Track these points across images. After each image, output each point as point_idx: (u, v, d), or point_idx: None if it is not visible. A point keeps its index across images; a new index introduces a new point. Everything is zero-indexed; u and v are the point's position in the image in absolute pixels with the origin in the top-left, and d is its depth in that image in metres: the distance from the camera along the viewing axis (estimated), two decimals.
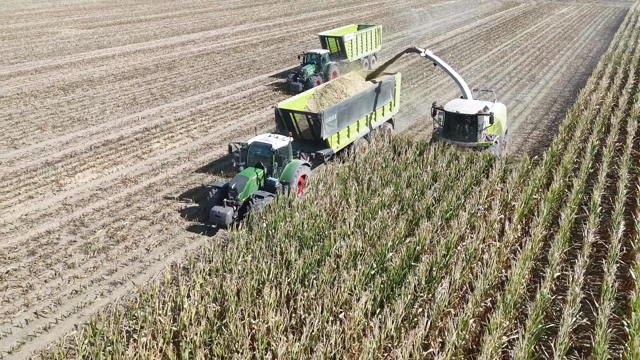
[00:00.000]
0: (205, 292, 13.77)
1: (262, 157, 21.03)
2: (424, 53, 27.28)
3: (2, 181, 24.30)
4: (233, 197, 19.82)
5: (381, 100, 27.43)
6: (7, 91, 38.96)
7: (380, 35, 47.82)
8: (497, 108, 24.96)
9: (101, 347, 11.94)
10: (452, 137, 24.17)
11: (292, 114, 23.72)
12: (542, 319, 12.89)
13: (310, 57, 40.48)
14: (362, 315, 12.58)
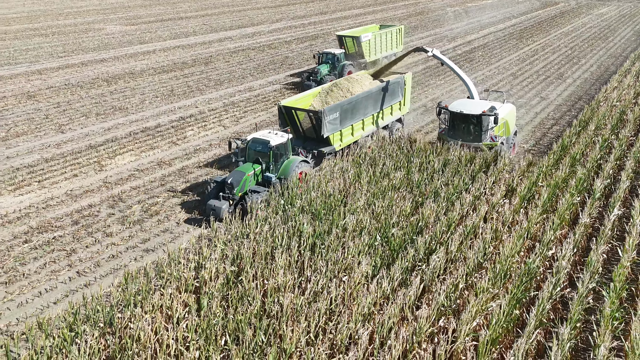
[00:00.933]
0: (225, 255, 15.47)
1: (261, 152, 21.32)
2: (431, 52, 27.08)
3: (50, 161, 26.70)
4: (229, 192, 20.09)
5: (389, 100, 27.34)
6: (56, 82, 41.84)
7: (401, 36, 47.36)
8: (505, 109, 24.85)
9: (132, 294, 13.77)
10: (457, 137, 24.15)
11: (294, 111, 23.92)
12: (529, 288, 14.06)
13: (325, 57, 40.45)
14: (362, 277, 14.03)
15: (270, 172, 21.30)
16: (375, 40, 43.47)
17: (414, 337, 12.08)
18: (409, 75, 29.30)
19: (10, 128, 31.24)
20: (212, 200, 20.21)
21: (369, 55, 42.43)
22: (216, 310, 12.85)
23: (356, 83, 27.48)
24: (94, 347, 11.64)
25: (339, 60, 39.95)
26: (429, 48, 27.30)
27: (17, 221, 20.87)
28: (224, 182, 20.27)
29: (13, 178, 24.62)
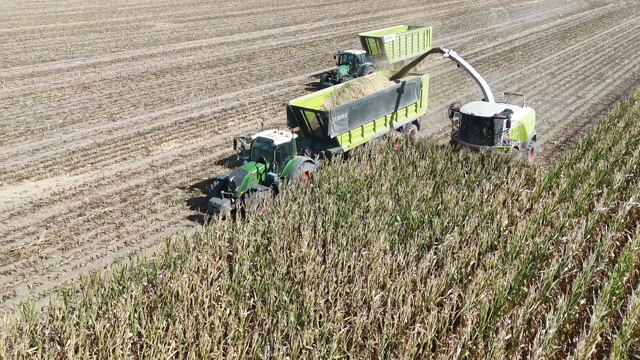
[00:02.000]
0: (256, 229, 16.96)
1: (265, 152, 21.32)
2: (447, 54, 26.40)
3: (102, 145, 28.92)
4: (231, 190, 20.15)
5: (404, 101, 26.82)
6: (108, 75, 44.55)
7: (429, 37, 46.22)
8: (522, 113, 24.26)
9: (173, 258, 15.42)
10: (469, 140, 23.48)
11: (302, 111, 23.62)
12: (537, 266, 14.95)
13: (346, 58, 39.96)
14: (379, 251, 15.24)
15: (273, 171, 21.32)
16: (400, 42, 42.65)
17: (423, 303, 13.22)
18: (426, 77, 28.72)
19: (67, 116, 33.79)
20: (214, 197, 20.35)
21: (392, 56, 41.62)
22: (246, 274, 14.32)
23: (369, 84, 27.11)
24: (138, 299, 13.29)
25: (359, 62, 39.55)
26: (445, 49, 26.80)
27: (72, 197, 22.98)
28: (227, 180, 20.37)
29: (69, 160, 26.91)
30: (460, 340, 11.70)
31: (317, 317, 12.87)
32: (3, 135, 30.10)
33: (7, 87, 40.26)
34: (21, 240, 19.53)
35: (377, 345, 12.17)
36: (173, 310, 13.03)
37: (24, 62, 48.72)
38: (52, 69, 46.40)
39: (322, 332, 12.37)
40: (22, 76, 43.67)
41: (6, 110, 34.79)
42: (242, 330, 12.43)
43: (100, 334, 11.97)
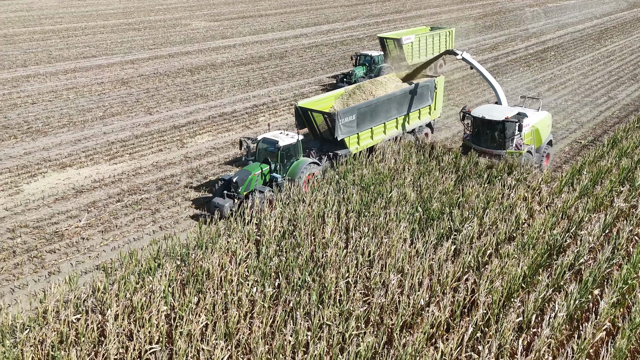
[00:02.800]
0: (283, 215, 17.85)
1: (270, 152, 21.23)
2: (460, 55, 25.92)
3: (140, 137, 30.33)
4: (234, 190, 20.14)
5: (417, 103, 26.37)
6: (146, 71, 46.23)
7: (451, 39, 45.20)
8: (538, 116, 23.70)
9: (204, 240, 16.45)
10: (480, 143, 22.90)
11: (310, 112, 23.41)
12: (552, 257, 15.41)
13: (362, 59, 39.37)
14: (399, 239, 15.94)
15: (278, 172, 21.24)
16: (420, 43, 41.53)
17: (439, 287, 13.88)
18: (441, 79, 28.20)
19: (107, 109, 35.40)
20: (217, 198, 20.39)
21: (411, 58, 40.32)
22: (271, 256, 15.22)
23: (380, 86, 26.65)
24: (171, 276, 14.32)
25: (375, 63, 38.98)
26: (459, 51, 26.30)
27: (111, 184, 24.33)
28: (230, 181, 20.44)
29: (109, 150, 28.36)
30: (472, 320, 12.32)
31: (337, 297, 13.66)
32: (48, 126, 31.83)
33: (52, 82, 42.28)
34: (65, 222, 20.91)
35: (393, 325, 12.89)
36: (204, 286, 14.02)
37: (66, 58, 50.89)
38: (93, 64, 48.37)
39: (341, 310, 13.17)
40: (65, 71, 45.71)
41: (50, 103, 36.64)
42: (267, 306, 13.32)
43: (137, 305, 13.03)
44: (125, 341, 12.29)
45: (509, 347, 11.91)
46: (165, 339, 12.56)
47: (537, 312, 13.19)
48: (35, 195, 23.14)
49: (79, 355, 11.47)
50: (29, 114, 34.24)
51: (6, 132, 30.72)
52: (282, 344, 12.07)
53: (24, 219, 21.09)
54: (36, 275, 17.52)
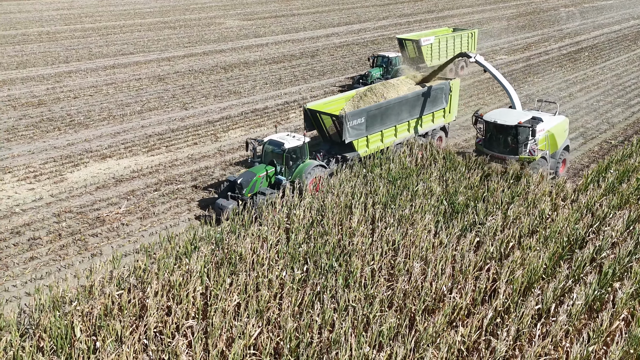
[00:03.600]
0: (312, 205, 18.61)
1: (275, 155, 21.12)
2: (473, 58, 25.46)
3: (176, 131, 31.53)
4: (239, 192, 20.09)
5: (430, 106, 25.84)
6: (181, 68, 47.63)
7: (474, 40, 44.06)
8: (554, 121, 23.08)
9: (237, 225, 17.33)
10: (493, 148, 22.41)
11: (319, 114, 23.17)
12: (573, 249, 15.77)
13: (379, 60, 38.65)
14: (424, 229, 16.51)
15: (283, 174, 21.09)
16: (439, 45, 40.64)
17: (460, 275, 14.42)
18: (457, 82, 27.51)
19: (144, 104, 36.78)
20: (221, 199, 20.38)
21: (430, 60, 39.54)
22: (300, 242, 16.00)
23: (392, 88, 26.28)
24: (207, 257, 15.23)
25: (393, 64, 38.15)
26: (472, 53, 25.86)
27: (149, 175, 25.49)
28: (235, 182, 20.38)
29: (147, 142, 29.61)
30: (492, 306, 12.84)
31: (362, 282, 14.34)
32: (89, 120, 33.32)
33: (92, 77, 44.01)
34: (105, 209, 22.11)
35: (416, 309, 13.49)
36: (236, 268, 14.87)
37: (106, 55, 52.73)
38: (131, 61, 50.04)
39: (366, 293, 13.84)
40: (105, 67, 47.45)
41: (91, 97, 38.23)
42: (295, 288, 14.09)
43: (175, 283, 13.96)
44: (163, 315, 13.21)
45: (527, 332, 12.39)
46: (201, 315, 13.44)
47: (557, 302, 13.61)
48: (78, 183, 24.46)
49: (122, 326, 12.43)
50: (72, 107, 35.84)
51: (51, 125, 32.31)
52: (310, 322, 12.80)
53: (68, 205, 22.38)
54: (80, 256, 18.69)
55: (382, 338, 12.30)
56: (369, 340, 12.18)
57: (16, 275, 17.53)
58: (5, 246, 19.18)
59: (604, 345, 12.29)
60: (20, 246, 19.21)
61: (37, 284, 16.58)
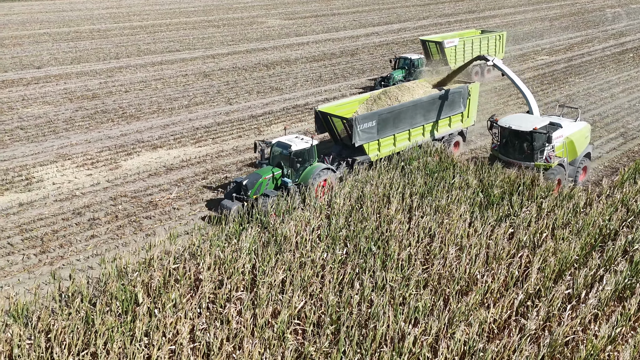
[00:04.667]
0: (351, 194, 19.57)
1: (283, 157, 21.04)
2: (491, 62, 25.03)
3: (221, 124, 32.98)
4: (244, 193, 20.18)
5: (448, 110, 25.27)
6: (225, 65, 49.30)
7: (502, 43, 42.69)
8: (574, 127, 22.38)
9: (282, 210, 18.47)
10: (508, 154, 21.95)
11: (330, 117, 23.03)
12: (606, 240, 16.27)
13: (402, 62, 38.29)
14: (459, 218, 17.27)
15: (289, 176, 21.07)
16: (464, 47, 39.61)
17: (494, 261, 15.15)
18: (476, 85, 26.87)
19: (191, 98, 38.45)
20: (226, 200, 20.51)
21: (454, 62, 38.07)
22: (341, 226, 16.99)
23: (407, 91, 25.84)
24: (254, 237, 16.38)
25: (415, 66, 37.64)
26: (490, 56, 25.46)
27: (197, 164, 26.93)
28: (241, 183, 20.48)
29: (194, 134, 31.14)
30: (524, 289, 13.54)
31: (399, 264, 15.23)
32: (140, 112, 35.14)
33: (141, 73, 46.07)
34: (157, 194, 23.60)
35: (450, 291, 14.29)
36: (282, 248, 15.98)
37: (153, 52, 54.91)
38: (177, 58, 52.01)
39: (403, 274, 14.72)
40: (153, 64, 49.53)
41: (141, 92, 40.16)
42: (336, 266, 15.09)
43: (226, 258, 15.16)
44: (215, 288, 14.41)
45: (556, 315, 13.05)
46: (249, 288, 14.59)
47: (587, 289, 14.18)
48: (131, 170, 26.09)
49: (180, 294, 13.68)
50: (123, 100, 37.79)
51: (104, 116, 34.24)
52: (349, 298, 13.78)
53: (123, 189, 23.97)
54: (136, 236, 20.17)
55: (417, 314, 13.16)
56: (404, 316, 13.06)
57: (79, 251, 19.11)
58: (68, 225, 20.84)
59: (632, 330, 12.82)
60: (82, 225, 20.84)
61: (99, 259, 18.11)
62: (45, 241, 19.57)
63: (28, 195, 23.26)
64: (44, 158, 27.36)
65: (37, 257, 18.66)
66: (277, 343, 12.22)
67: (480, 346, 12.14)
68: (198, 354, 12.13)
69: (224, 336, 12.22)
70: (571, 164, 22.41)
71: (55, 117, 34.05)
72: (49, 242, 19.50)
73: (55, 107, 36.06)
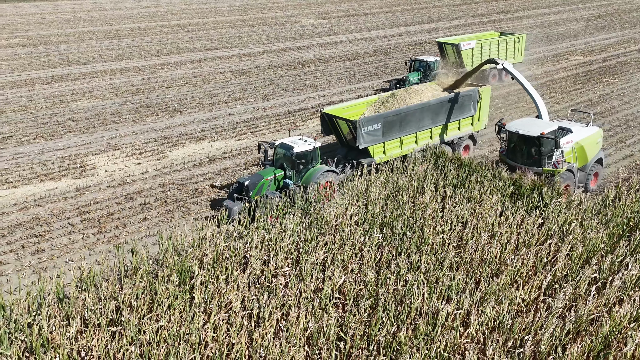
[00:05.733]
0: (385, 185, 20.63)
1: (286, 158, 21.23)
2: (501, 65, 24.83)
3: (259, 119, 34.37)
4: (246, 194, 20.41)
5: (457, 114, 25.17)
6: (261, 63, 50.80)
7: (521, 46, 42.24)
8: (584, 132, 22.07)
9: (321, 197, 19.64)
10: (516, 159, 21.83)
11: (335, 119, 23.11)
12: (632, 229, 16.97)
13: (418, 64, 38.25)
14: (490, 208, 18.15)
15: (291, 178, 21.22)
16: (481, 49, 39.35)
17: (524, 246, 16.03)
18: (488, 89, 26.59)
19: (230, 95, 39.99)
20: (228, 200, 20.77)
21: (471, 65, 37.74)
22: (378, 211, 18.07)
23: (415, 94, 25.85)
24: (297, 220, 17.58)
25: (431, 68, 37.57)
26: (500, 60, 25.28)
27: (238, 156, 28.34)
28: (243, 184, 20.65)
29: (234, 128, 32.61)
30: (551, 272, 14.40)
31: (433, 248, 16.24)
32: (182, 107, 36.81)
33: (181, 70, 47.90)
34: (202, 182, 25.06)
35: (481, 274, 15.23)
36: (323, 228, 17.17)
37: (192, 50, 56.82)
38: (215, 56, 53.76)
39: (437, 257, 15.73)
40: (192, 61, 51.36)
41: (182, 87, 41.91)
42: (374, 248, 16.18)
43: (273, 238, 16.41)
44: (263, 264, 15.66)
45: (583, 296, 13.89)
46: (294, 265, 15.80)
47: (613, 275, 14.94)
48: (177, 160, 27.64)
49: (232, 267, 14.97)
50: (166, 96, 39.55)
51: (149, 110, 36.01)
52: (386, 277, 14.85)
53: (170, 178, 25.51)
54: (184, 220, 21.61)
55: (450, 292, 14.16)
56: (438, 294, 14.08)
57: (133, 232, 20.65)
58: (121, 208, 22.44)
59: None
60: (134, 209, 22.41)
61: (153, 239, 19.58)
62: (102, 222, 21.18)
63: (83, 181, 25.00)
64: (95, 148, 29.16)
65: (95, 236, 20.27)
66: (321, 312, 13.38)
67: (509, 322, 13.08)
68: (250, 321, 13.39)
69: (273, 305, 13.44)
70: (582, 169, 22.09)
71: (103, 110, 35.98)
72: (105, 224, 21.10)
73: (103, 101, 38.04)
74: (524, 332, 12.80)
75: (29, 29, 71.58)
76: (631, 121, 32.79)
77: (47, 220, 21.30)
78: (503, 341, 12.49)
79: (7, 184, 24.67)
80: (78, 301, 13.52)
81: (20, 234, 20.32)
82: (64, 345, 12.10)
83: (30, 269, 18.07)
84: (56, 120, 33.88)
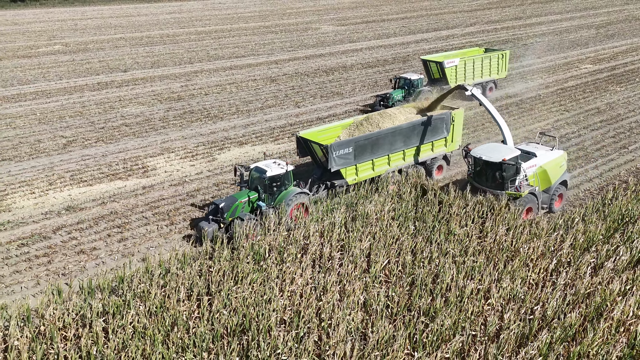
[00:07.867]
0: (415, 183, 24.02)
1: (260, 181, 22.17)
2: (470, 92, 25.58)
3: (293, 125, 37.81)
4: (220, 215, 21.25)
5: (430, 136, 26.18)
6: (288, 70, 54.30)
7: (505, 62, 43.19)
8: (548, 156, 23.20)
9: (361, 195, 23.12)
10: (481, 182, 22.95)
11: (309, 142, 24.38)
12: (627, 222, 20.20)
13: (402, 82, 38.99)
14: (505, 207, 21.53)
15: (265, 200, 22.20)
16: (465, 67, 40.30)
17: (535, 237, 19.38)
18: (460, 112, 27.63)
19: (263, 101, 43.53)
20: (203, 222, 21.55)
21: (455, 82, 38.83)
22: (410, 208, 21.50)
23: (387, 118, 26.81)
24: (342, 215, 21.03)
25: (415, 86, 38.31)
26: (469, 87, 26.08)
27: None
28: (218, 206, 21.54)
29: (272, 133, 36.12)
30: (557, 256, 17.73)
31: (458, 237, 19.62)
32: (222, 113, 40.42)
33: (215, 77, 51.55)
34: None
35: (498, 259, 18.57)
36: (364, 221, 20.61)
37: (222, 57, 60.48)
38: (244, 63, 57.37)
39: (462, 245, 19.12)
40: (224, 69, 55.00)
41: (219, 94, 45.53)
42: (410, 240, 19.60)
43: (325, 228, 19.88)
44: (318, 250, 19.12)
45: (582, 276, 17.20)
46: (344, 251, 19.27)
47: (608, 260, 18.20)
48: (226, 162, 31.20)
49: (295, 251, 18.46)
50: (205, 102, 43.19)
51: (192, 116, 39.65)
52: (421, 260, 18.26)
53: (222, 178, 29.05)
54: None
55: (473, 272, 17.54)
56: (463, 274, 17.46)
57: None
58: (185, 204, 25.99)
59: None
60: (196, 205, 25.95)
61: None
62: (171, 216, 24.75)
63: (147, 180, 28.64)
64: (151, 150, 32.81)
65: (168, 227, 23.83)
66: (371, 286, 16.83)
67: (521, 295, 16.44)
68: (313, 293, 16.86)
69: (332, 281, 16.91)
70: (546, 191, 23.26)
71: (151, 115, 39.67)
72: (174, 217, 24.66)
73: (149, 107, 41.75)
74: (534, 302, 16.14)
75: (65, 35, 75.76)
76: (635, 128, 35.71)
77: (124, 214, 24.92)
78: (517, 309, 15.85)
79: (82, 182, 28.38)
80: (179, 275, 17.08)
81: (104, 225, 23.95)
82: (174, 309, 15.66)
83: (120, 254, 21.66)
84: (111, 125, 37.62)
